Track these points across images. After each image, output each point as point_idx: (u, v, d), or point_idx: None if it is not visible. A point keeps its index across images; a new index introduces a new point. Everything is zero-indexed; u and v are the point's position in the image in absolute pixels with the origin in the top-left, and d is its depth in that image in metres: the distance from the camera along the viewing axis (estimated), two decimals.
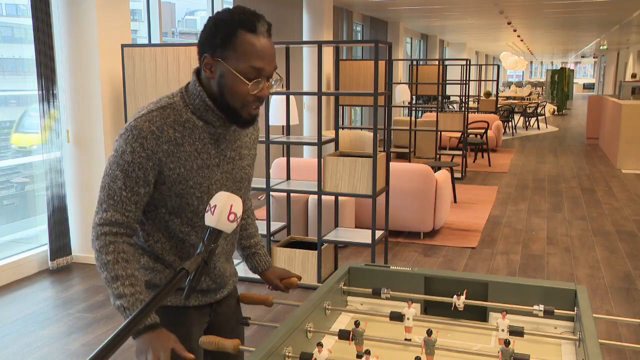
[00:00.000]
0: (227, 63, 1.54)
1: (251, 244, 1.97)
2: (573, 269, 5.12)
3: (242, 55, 1.52)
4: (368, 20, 12.51)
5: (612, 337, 3.78)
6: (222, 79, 1.56)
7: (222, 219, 1.33)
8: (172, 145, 1.58)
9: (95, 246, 1.59)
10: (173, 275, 1.21)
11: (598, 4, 10.73)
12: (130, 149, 1.54)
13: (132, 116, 1.61)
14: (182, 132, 1.60)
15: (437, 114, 8.83)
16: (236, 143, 1.71)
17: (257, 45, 1.53)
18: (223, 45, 1.53)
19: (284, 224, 5.07)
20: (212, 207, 1.33)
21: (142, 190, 1.58)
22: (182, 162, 1.60)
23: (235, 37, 1.52)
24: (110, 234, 1.57)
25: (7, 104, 5.42)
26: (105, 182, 1.58)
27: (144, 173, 1.57)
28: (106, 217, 1.57)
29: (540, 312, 1.79)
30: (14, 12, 5.40)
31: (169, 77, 4.64)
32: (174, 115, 1.60)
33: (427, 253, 5.54)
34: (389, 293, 1.93)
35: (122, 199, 1.57)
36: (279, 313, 4.10)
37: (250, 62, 1.52)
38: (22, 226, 5.34)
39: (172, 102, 1.61)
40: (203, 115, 1.61)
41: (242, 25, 1.52)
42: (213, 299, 1.79)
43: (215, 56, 1.55)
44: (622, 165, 10.37)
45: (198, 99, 1.60)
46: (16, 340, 3.73)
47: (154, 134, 1.56)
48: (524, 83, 31.74)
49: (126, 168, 1.55)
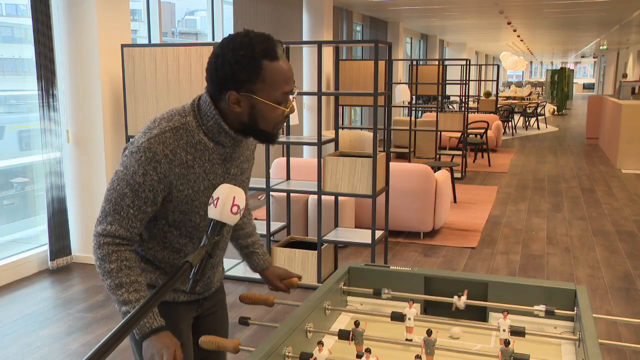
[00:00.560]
0: (258, 95, 1.53)
1: (249, 242, 1.98)
2: (573, 269, 5.12)
3: (272, 84, 1.52)
4: (368, 20, 12.51)
5: (612, 337, 3.78)
6: (254, 110, 1.55)
7: (225, 212, 1.34)
8: (184, 168, 1.58)
9: (97, 254, 1.61)
10: (177, 269, 1.22)
11: (598, 4, 10.74)
12: (143, 171, 1.54)
13: (143, 131, 1.60)
14: (193, 154, 1.59)
15: (437, 114, 8.83)
16: (239, 159, 1.73)
17: (282, 71, 1.53)
18: (251, 81, 1.51)
19: (283, 224, 5.07)
20: (215, 199, 1.34)
21: (149, 209, 1.60)
22: (190, 184, 1.61)
23: (261, 70, 1.51)
24: (113, 244, 1.60)
25: (7, 104, 5.42)
26: (112, 197, 1.58)
27: (154, 195, 1.57)
28: (110, 229, 1.59)
29: (541, 312, 1.79)
30: (13, 12, 5.40)
31: (169, 77, 4.64)
32: (187, 136, 1.59)
33: (427, 253, 5.55)
34: (390, 293, 1.93)
35: (129, 216, 1.58)
36: (278, 313, 4.10)
37: (281, 89, 1.54)
38: (22, 226, 5.34)
39: (185, 123, 1.59)
40: (215, 137, 1.61)
41: (265, 56, 1.50)
42: (202, 296, 1.84)
43: (242, 91, 1.53)
44: (622, 165, 10.37)
45: (212, 122, 1.59)
46: (16, 340, 3.73)
47: (167, 157, 1.55)
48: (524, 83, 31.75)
49: (136, 188, 1.55)
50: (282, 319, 3.96)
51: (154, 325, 1.56)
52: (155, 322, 1.57)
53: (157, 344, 1.53)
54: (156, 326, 1.56)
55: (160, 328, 1.57)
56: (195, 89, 4.55)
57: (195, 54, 4.54)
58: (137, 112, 4.78)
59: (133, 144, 1.58)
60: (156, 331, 1.56)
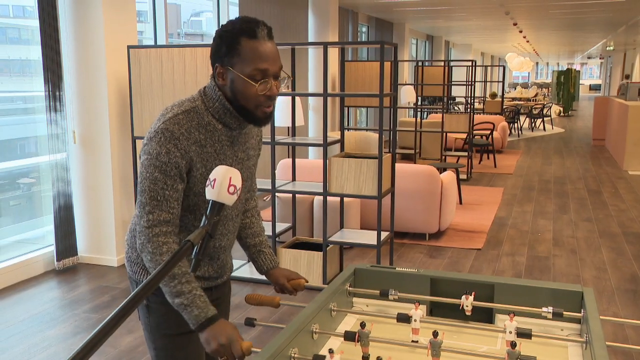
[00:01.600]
0: (235, 69, 1.65)
1: (256, 242, 2.00)
2: (579, 270, 5.10)
3: (247, 60, 1.64)
4: (373, 21, 12.51)
5: (618, 340, 3.76)
6: (233, 84, 1.67)
7: (222, 192, 1.37)
8: (199, 147, 1.68)
9: (147, 248, 1.66)
10: (179, 248, 1.23)
11: (604, 5, 10.70)
12: (165, 150, 1.63)
13: (158, 119, 1.70)
14: (205, 134, 1.70)
15: (443, 115, 8.82)
16: (245, 144, 1.82)
17: (259, 48, 1.64)
18: (229, 54, 1.65)
19: (289, 225, 5.07)
20: (212, 181, 1.38)
21: (180, 187, 1.68)
22: (204, 163, 1.70)
23: (238, 45, 1.64)
24: (162, 234, 1.66)
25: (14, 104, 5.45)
26: (145, 186, 1.66)
27: (180, 171, 1.66)
28: (153, 218, 1.65)
29: (549, 314, 1.78)
30: (20, 13, 5.42)
31: (175, 78, 4.65)
32: (198, 118, 1.70)
33: (433, 254, 5.54)
34: (397, 294, 1.93)
35: (166, 198, 1.66)
36: (284, 314, 4.10)
37: (255, 65, 1.63)
38: (29, 227, 5.36)
39: (195, 106, 1.71)
40: (222, 118, 1.72)
41: (243, 33, 1.64)
42: (214, 283, 1.90)
43: (224, 65, 1.66)
44: (628, 167, 10.32)
45: (217, 103, 1.70)
46: (23, 340, 3.75)
47: (184, 135, 1.66)
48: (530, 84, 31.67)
49: (164, 168, 1.64)
50: (287, 320, 3.96)
51: (209, 314, 1.62)
52: (209, 310, 1.63)
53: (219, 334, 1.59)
54: (211, 314, 1.62)
55: (216, 317, 1.62)
56: None
57: (201, 55, 4.55)
58: (143, 112, 4.79)
59: (150, 132, 1.67)
60: (213, 320, 1.61)
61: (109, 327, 0.99)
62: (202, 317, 1.61)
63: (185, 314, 1.63)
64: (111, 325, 0.99)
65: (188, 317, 1.63)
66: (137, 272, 1.83)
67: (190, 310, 1.62)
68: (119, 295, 4.46)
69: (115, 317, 1.01)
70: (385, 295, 1.94)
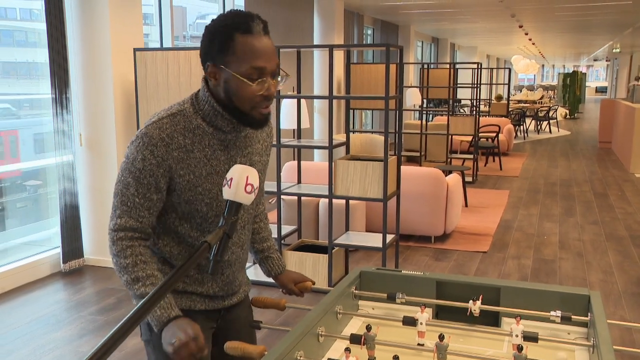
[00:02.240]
0: (229, 68, 1.53)
1: (264, 247, 1.98)
2: (586, 273, 5.08)
3: (242, 57, 1.52)
4: (379, 23, 12.51)
5: (626, 344, 3.74)
6: (227, 84, 1.56)
7: (239, 191, 1.34)
8: (182, 152, 1.59)
9: (112, 251, 1.61)
10: (195, 249, 1.20)
11: (611, 7, 10.67)
12: (141, 156, 1.56)
13: (144, 123, 1.63)
14: (192, 138, 1.60)
15: (448, 118, 8.81)
16: (247, 149, 1.71)
17: (255, 45, 1.52)
18: (222, 52, 1.53)
19: (294, 228, 5.07)
20: (229, 180, 1.35)
21: (154, 197, 1.60)
22: (191, 169, 1.60)
23: (232, 41, 1.52)
24: (126, 239, 1.59)
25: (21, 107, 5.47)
26: (118, 189, 1.61)
27: (155, 180, 1.58)
28: (120, 223, 1.60)
29: (557, 318, 1.77)
30: (27, 16, 5.45)
31: (181, 80, 4.66)
32: (184, 122, 1.60)
33: (438, 257, 5.52)
34: (404, 298, 1.92)
35: (135, 205, 1.59)
36: (290, 317, 4.09)
37: (251, 63, 1.52)
38: (35, 229, 5.38)
39: (183, 109, 1.62)
40: (213, 121, 1.61)
41: (237, 28, 1.51)
42: (221, 305, 1.78)
43: (217, 63, 1.55)
44: (635, 169, 10.28)
45: (207, 105, 1.60)
46: (29, 342, 3.76)
47: (164, 141, 1.57)
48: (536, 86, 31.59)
49: (137, 175, 1.57)
50: (293, 323, 3.95)
51: (172, 315, 1.54)
52: (172, 311, 1.55)
53: (176, 328, 1.50)
54: (174, 315, 1.54)
55: (178, 317, 1.55)
56: None
57: None
58: (149, 115, 4.79)
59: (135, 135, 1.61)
60: (174, 319, 1.54)
61: (118, 335, 0.97)
62: (164, 316, 1.54)
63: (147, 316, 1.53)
64: (120, 333, 0.98)
65: (150, 318, 1.55)
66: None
67: (153, 310, 1.54)
68: (124, 298, 4.47)
69: (123, 328, 0.99)
70: (393, 299, 1.94)
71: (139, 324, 1.01)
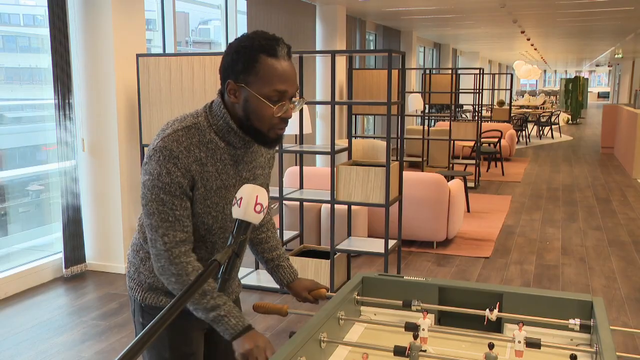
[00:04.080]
0: (251, 88, 1.56)
1: (273, 256, 1.97)
2: (588, 279, 5.06)
3: (265, 79, 1.55)
4: (381, 29, 12.53)
5: (629, 350, 3.73)
6: (247, 103, 1.58)
7: (249, 211, 1.35)
8: (198, 165, 1.61)
9: (171, 271, 1.61)
10: (205, 268, 1.22)
11: (613, 13, 10.67)
12: (166, 170, 1.57)
13: (157, 135, 1.64)
14: (206, 152, 1.62)
15: (450, 123, 8.81)
16: (252, 164, 1.74)
17: (279, 68, 1.55)
18: (246, 71, 1.55)
19: (296, 233, 5.07)
20: (238, 199, 1.36)
21: (188, 204, 1.62)
22: (204, 182, 1.63)
23: (257, 62, 1.54)
24: (183, 255, 1.61)
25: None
26: (153, 208, 1.60)
27: (184, 190, 1.60)
28: (169, 240, 1.60)
29: (576, 326, 1.77)
30: (31, 22, 5.47)
31: (183, 86, 4.67)
32: (199, 135, 1.62)
33: (441, 263, 5.51)
34: (420, 305, 1.91)
35: (177, 218, 1.60)
36: (291, 322, 4.09)
37: (274, 86, 1.55)
38: (37, 234, 5.38)
39: (197, 122, 1.63)
40: (225, 137, 1.64)
41: (263, 50, 1.54)
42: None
43: (238, 82, 1.57)
44: (638, 175, 10.26)
45: (222, 121, 1.62)
46: (31, 347, 3.76)
47: (183, 153, 1.59)
48: (538, 92, 31.60)
49: (168, 189, 1.58)
50: (295, 329, 3.95)
51: (246, 322, 1.63)
52: (245, 320, 1.64)
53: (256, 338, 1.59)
54: (248, 323, 1.63)
55: (250, 327, 1.63)
56: (209, 98, 4.57)
57: (209, 63, 4.57)
58: (152, 121, 4.82)
59: (149, 149, 1.62)
60: (250, 328, 1.62)
61: (133, 351, 0.97)
62: (240, 325, 1.61)
63: (221, 325, 1.61)
64: (136, 349, 0.97)
65: (225, 327, 1.61)
66: (134, 288, 1.79)
67: (227, 320, 1.61)
68: (127, 303, 4.46)
69: (140, 341, 0.99)
70: (408, 306, 1.92)
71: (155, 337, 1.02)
